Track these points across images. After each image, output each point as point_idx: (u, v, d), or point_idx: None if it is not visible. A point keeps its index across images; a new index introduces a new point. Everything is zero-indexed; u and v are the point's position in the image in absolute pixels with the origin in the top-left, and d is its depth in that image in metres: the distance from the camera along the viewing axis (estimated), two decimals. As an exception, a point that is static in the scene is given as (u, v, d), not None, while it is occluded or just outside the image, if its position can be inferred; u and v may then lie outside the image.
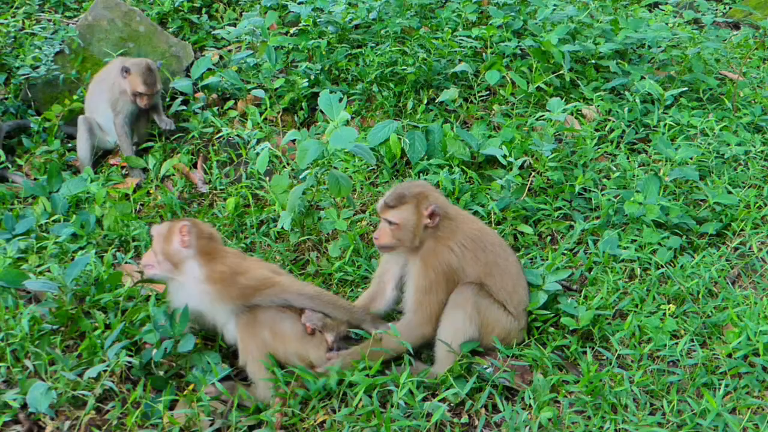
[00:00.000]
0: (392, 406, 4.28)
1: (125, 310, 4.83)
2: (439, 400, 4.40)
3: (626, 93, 7.08)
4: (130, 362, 4.36)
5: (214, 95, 7.37)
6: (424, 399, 4.40)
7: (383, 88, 7.15)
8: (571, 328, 4.91)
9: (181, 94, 7.35)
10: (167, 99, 7.32)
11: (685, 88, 7.11)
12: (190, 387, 4.43)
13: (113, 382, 4.35)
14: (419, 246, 4.79)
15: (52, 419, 4.26)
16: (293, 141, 6.30)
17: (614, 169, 6.34)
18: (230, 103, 7.24)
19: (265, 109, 7.03)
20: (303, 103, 7.09)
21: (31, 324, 4.63)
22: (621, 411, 4.37)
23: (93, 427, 4.23)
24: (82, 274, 5.01)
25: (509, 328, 4.78)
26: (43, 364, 4.45)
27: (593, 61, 7.44)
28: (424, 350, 4.79)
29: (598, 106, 6.96)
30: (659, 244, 5.59)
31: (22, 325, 4.59)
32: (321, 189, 5.80)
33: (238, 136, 6.66)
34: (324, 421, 4.34)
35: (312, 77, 7.20)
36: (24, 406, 4.28)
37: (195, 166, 6.66)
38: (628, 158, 6.45)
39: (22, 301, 4.95)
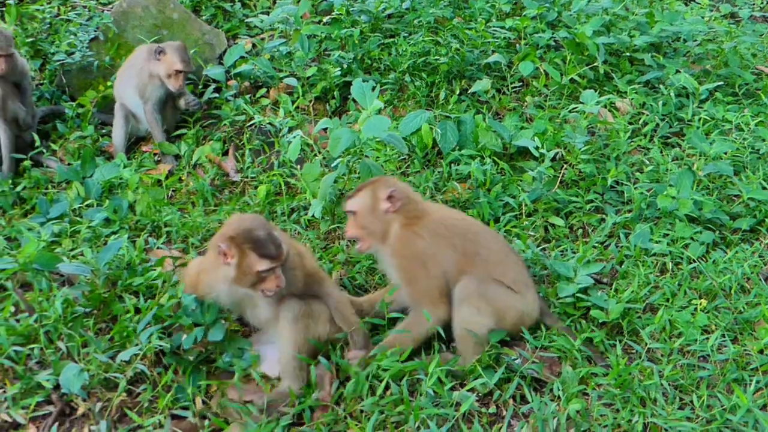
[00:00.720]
0: (420, 395, 4.28)
1: (157, 294, 4.86)
2: (468, 390, 4.39)
3: (661, 86, 7.03)
4: (162, 345, 4.39)
5: (247, 83, 7.38)
6: (452, 389, 4.39)
7: (415, 77, 7.14)
8: (600, 321, 4.89)
9: (214, 81, 7.37)
10: (200, 86, 7.34)
11: (721, 83, 7.07)
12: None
13: (145, 365, 4.38)
14: (386, 235, 4.73)
15: (84, 400, 4.30)
16: (325, 129, 6.30)
17: (647, 162, 6.30)
18: (262, 91, 7.26)
19: (297, 98, 7.04)
20: (335, 92, 7.09)
21: (64, 306, 4.67)
22: (650, 405, 4.35)
23: (125, 409, 4.27)
24: (115, 259, 5.05)
25: (521, 308, 4.71)
26: (75, 346, 4.49)
27: (628, 54, 7.39)
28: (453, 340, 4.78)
29: (632, 99, 6.92)
30: (692, 238, 5.56)
31: (55, 308, 4.64)
32: (352, 177, 5.80)
33: (270, 124, 6.67)
34: (353, 411, 4.34)
35: (344, 66, 7.20)
36: (57, 387, 4.33)
37: (227, 153, 6.68)
38: (661, 152, 6.41)
39: (56, 284, 4.99)
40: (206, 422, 4.17)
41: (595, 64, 7.05)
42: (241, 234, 4.32)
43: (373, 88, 5.41)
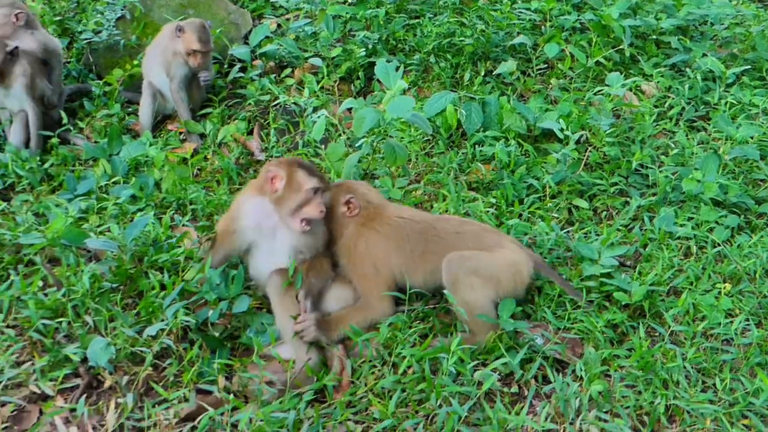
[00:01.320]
0: (442, 374, 4.30)
1: (183, 270, 4.91)
2: (490, 370, 4.40)
3: (687, 70, 7.00)
4: (187, 321, 4.43)
5: (272, 63, 7.40)
6: (474, 368, 4.41)
7: (440, 59, 7.13)
8: (623, 303, 4.89)
9: (239, 61, 7.39)
10: (225, 65, 7.36)
11: (748, 67, 7.02)
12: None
13: (171, 340, 4.43)
14: (341, 233, 4.92)
15: (111, 374, 4.36)
16: (349, 109, 6.32)
17: (673, 146, 6.28)
18: (287, 71, 7.27)
19: (322, 78, 7.05)
20: (360, 73, 7.10)
21: (91, 281, 4.73)
22: (672, 387, 4.36)
23: (150, 382, 4.32)
24: (141, 235, 5.09)
25: (510, 261, 4.74)
26: (102, 320, 4.55)
27: (654, 37, 7.36)
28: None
29: (658, 82, 6.89)
30: (716, 222, 5.55)
31: (83, 282, 4.69)
32: (376, 158, 5.82)
33: (294, 103, 6.70)
34: (373, 388, 4.37)
35: (369, 47, 7.20)
36: (84, 360, 4.39)
37: (251, 132, 6.71)
38: (687, 135, 6.39)
39: (83, 259, 5.05)
40: (231, 397, 4.21)
41: (621, 46, 7.02)
42: (290, 160, 4.83)
43: (397, 69, 5.41)
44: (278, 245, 4.79)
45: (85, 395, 4.23)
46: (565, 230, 5.52)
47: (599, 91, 6.45)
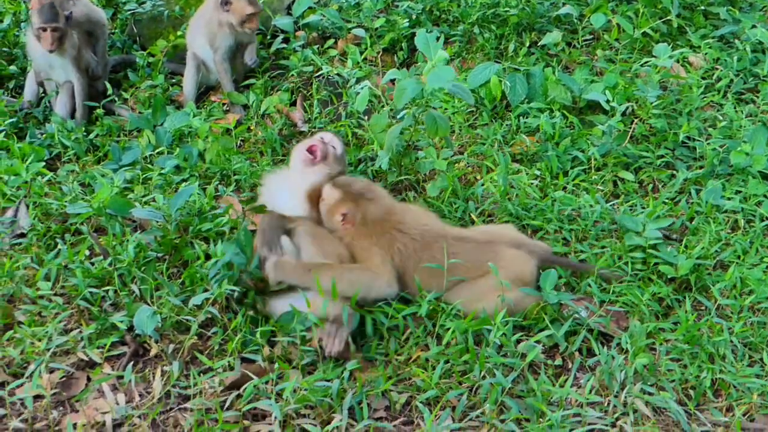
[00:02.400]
0: (486, 345, 4.29)
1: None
2: (534, 342, 4.38)
3: (736, 41, 6.88)
4: (233, 290, 4.46)
5: (315, 34, 7.38)
6: (518, 341, 4.39)
7: (484, 29, 7.07)
8: (669, 277, 4.85)
9: (282, 32, 7.38)
10: (268, 36, 7.36)
11: (799, 38, 6.88)
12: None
13: (216, 309, 4.46)
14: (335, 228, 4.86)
15: (157, 342, 4.40)
16: (392, 81, 6.30)
17: (720, 118, 6.19)
18: (330, 41, 7.25)
19: (365, 49, 7.03)
20: (403, 44, 7.06)
21: (137, 251, 4.77)
22: (719, 361, 4.32)
23: (195, 351, 4.36)
24: (186, 205, 5.13)
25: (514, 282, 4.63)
26: (148, 289, 4.59)
27: (702, 8, 7.24)
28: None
29: (706, 54, 6.79)
30: (765, 196, 5.47)
31: (128, 252, 4.73)
32: (419, 129, 5.79)
33: (337, 75, 6.68)
34: (417, 358, 4.38)
35: (413, 17, 7.16)
36: (130, 329, 4.44)
37: (294, 103, 6.71)
38: (735, 108, 6.29)
39: (128, 229, 5.10)
40: (275, 366, 4.24)
41: (669, 17, 6.91)
42: None
43: (438, 39, 5.37)
44: None
45: (131, 363, 4.28)
46: (610, 203, 5.47)
47: (646, 62, 6.36)
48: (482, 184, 5.61)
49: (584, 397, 4.04)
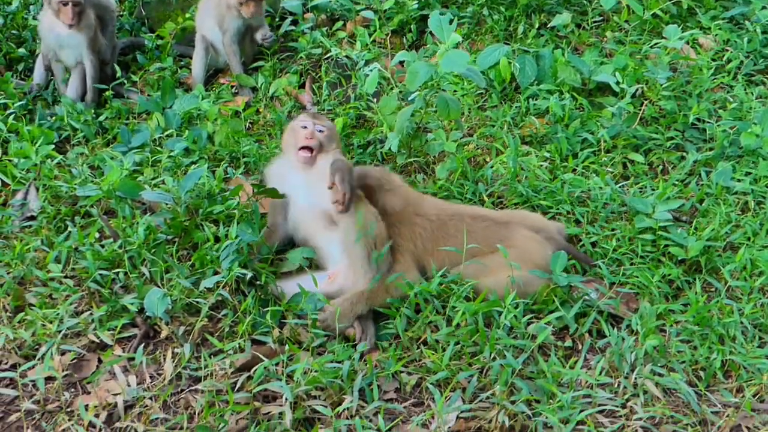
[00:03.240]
0: (497, 327, 4.30)
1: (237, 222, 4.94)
2: (544, 323, 4.38)
3: (746, 23, 6.84)
4: (243, 274, 4.47)
5: (323, 16, 7.36)
6: (528, 323, 4.39)
7: (494, 11, 7.04)
8: (679, 258, 4.84)
9: (290, 14, 7.36)
10: (277, 19, 7.34)
11: (810, 19, 6.84)
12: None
13: (226, 291, 4.47)
14: None
15: (167, 324, 4.42)
16: (401, 63, 6.28)
17: (731, 100, 6.16)
18: (339, 23, 7.22)
19: (374, 31, 7.00)
20: (412, 26, 7.03)
21: (147, 233, 4.78)
22: (729, 342, 4.32)
23: (206, 333, 4.37)
24: (195, 188, 5.13)
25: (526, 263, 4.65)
26: (158, 271, 4.60)
27: (712, -12, 7.20)
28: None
29: (716, 35, 6.75)
30: (775, 177, 5.45)
31: (138, 234, 4.75)
32: (429, 111, 5.78)
33: (346, 57, 6.67)
34: (426, 339, 4.38)
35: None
36: (141, 311, 4.45)
37: (303, 85, 6.70)
38: (745, 90, 6.27)
39: (138, 211, 5.11)
40: (286, 347, 4.25)
41: (679, -2, 6.89)
42: None
43: (451, 21, 5.35)
44: None
45: (142, 345, 4.30)
46: (620, 185, 5.46)
47: (656, 44, 6.33)
48: (492, 166, 5.60)
49: (594, 379, 4.05)
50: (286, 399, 3.91)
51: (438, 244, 4.70)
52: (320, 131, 4.96)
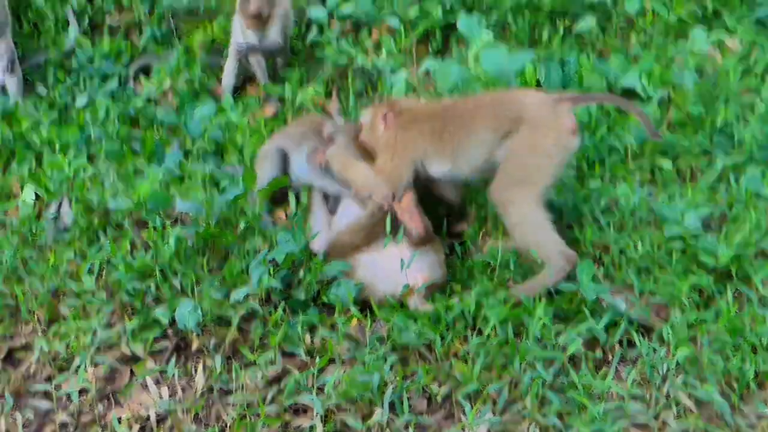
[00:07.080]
0: (527, 338, 4.29)
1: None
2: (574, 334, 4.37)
3: (772, 24, 6.80)
4: (273, 287, 4.50)
5: (349, 24, 7.38)
6: (558, 333, 4.38)
7: (518, 17, 7.03)
8: (709, 266, 4.81)
9: (316, 23, 7.39)
10: (302, 28, 7.36)
11: (838, 20, 6.79)
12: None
13: (257, 303, 4.50)
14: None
15: (199, 336, 4.45)
16: (427, 73, 6.30)
17: (759, 103, 6.10)
18: (365, 32, 7.25)
19: (400, 39, 7.01)
20: (437, 33, 7.04)
21: (177, 245, 4.82)
22: (762, 352, 4.27)
23: (237, 346, 4.40)
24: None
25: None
26: (189, 283, 4.64)
27: (738, -9, 7.15)
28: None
29: (742, 38, 6.70)
30: (806, 181, 5.41)
31: (169, 245, 4.79)
32: (456, 118, 5.78)
33: (373, 65, 6.68)
34: (457, 352, 4.38)
35: (447, 7, 7.12)
36: (172, 323, 4.49)
37: (330, 95, 6.73)
38: (773, 92, 6.21)
39: (169, 222, 5.14)
40: (317, 360, 4.27)
41: (704, 1, 6.84)
42: None
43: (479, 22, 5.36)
44: None
45: (174, 357, 4.34)
46: (648, 192, 5.43)
47: (681, 47, 6.30)
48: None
49: (626, 390, 4.03)
50: (317, 413, 3.94)
51: (455, 133, 4.80)
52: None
